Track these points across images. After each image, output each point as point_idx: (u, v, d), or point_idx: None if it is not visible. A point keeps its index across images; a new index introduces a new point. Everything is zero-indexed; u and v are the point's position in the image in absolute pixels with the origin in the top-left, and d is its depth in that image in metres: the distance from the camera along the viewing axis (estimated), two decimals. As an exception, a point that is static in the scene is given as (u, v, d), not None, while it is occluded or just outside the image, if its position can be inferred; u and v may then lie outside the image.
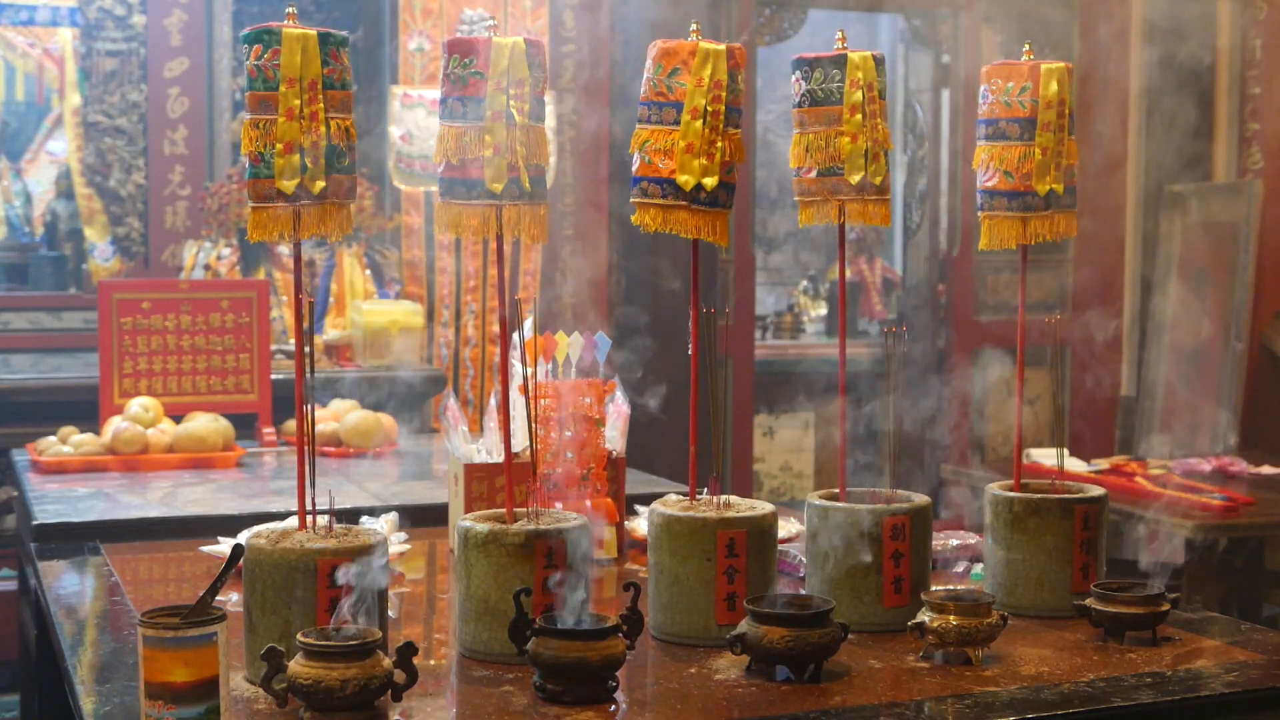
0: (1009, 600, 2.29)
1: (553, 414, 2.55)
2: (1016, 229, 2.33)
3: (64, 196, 5.80)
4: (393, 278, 5.49)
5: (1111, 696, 1.88)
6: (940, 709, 1.83)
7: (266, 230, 1.91)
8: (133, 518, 3.10)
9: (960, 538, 2.69)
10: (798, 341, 8.09)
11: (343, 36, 1.94)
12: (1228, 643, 2.15)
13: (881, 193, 2.21)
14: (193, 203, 5.61)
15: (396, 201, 5.61)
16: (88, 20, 5.62)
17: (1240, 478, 4.57)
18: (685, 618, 2.11)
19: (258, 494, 3.40)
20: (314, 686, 1.69)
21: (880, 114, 2.20)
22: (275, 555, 1.87)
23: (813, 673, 1.93)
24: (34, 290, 5.63)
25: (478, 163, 1.99)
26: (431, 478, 3.64)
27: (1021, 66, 2.30)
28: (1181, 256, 6.45)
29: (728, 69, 2.11)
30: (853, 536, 2.17)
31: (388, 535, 2.60)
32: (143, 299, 4.10)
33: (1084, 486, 2.38)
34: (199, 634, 1.64)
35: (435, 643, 2.21)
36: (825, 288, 8.68)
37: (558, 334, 2.64)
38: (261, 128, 1.88)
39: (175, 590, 2.63)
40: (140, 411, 3.85)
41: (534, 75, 2.01)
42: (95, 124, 5.63)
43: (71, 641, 2.20)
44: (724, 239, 2.14)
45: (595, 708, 1.81)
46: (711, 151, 2.10)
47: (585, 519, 2.06)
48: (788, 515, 2.89)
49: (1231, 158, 6.49)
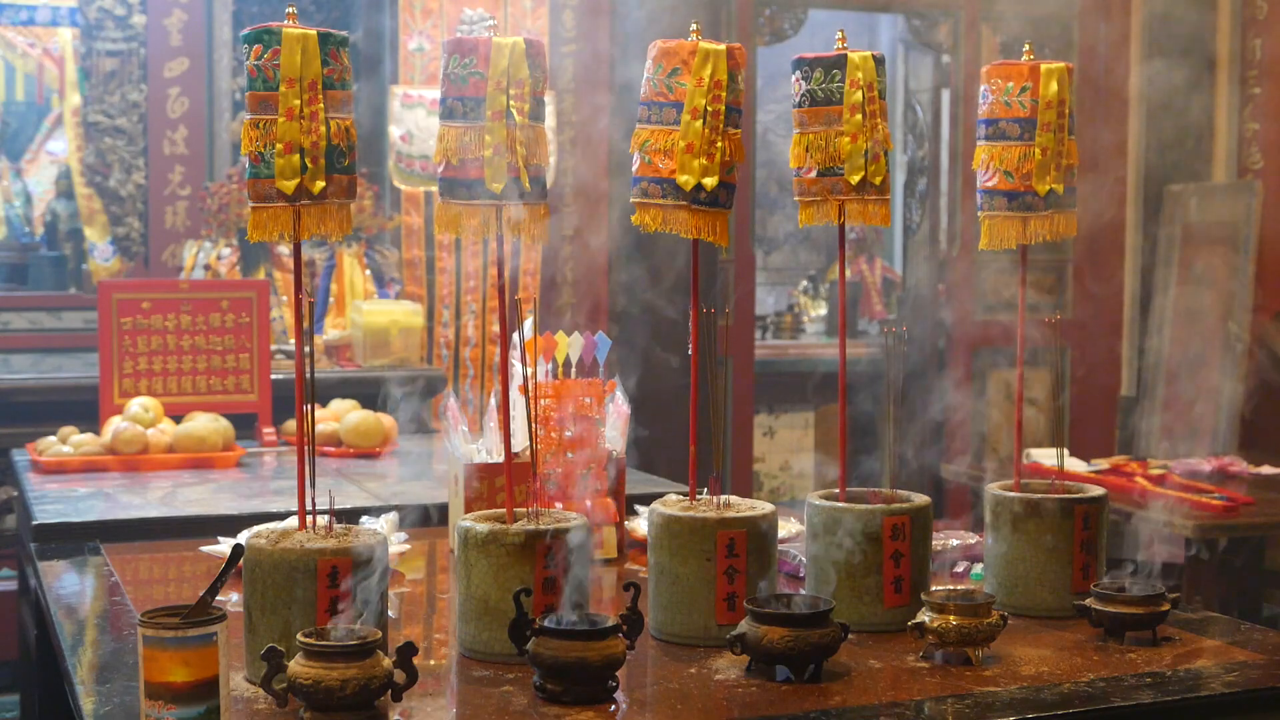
0: (1009, 600, 2.29)
1: (553, 414, 2.55)
2: (1016, 229, 2.33)
3: (64, 196, 5.81)
4: (393, 278, 5.49)
5: (1111, 696, 1.88)
6: (940, 709, 1.83)
7: (266, 230, 1.92)
8: (133, 518, 3.10)
9: (960, 538, 2.69)
10: (798, 341, 8.09)
11: (343, 36, 1.94)
12: (1228, 643, 2.15)
13: (881, 193, 2.21)
14: (193, 203, 5.61)
15: (396, 201, 5.61)
16: (88, 20, 5.62)
17: (1240, 478, 4.56)
18: (685, 618, 2.11)
19: (258, 494, 3.40)
20: (314, 686, 1.69)
21: (880, 114, 2.20)
22: (275, 555, 1.87)
23: (813, 673, 1.93)
24: (34, 290, 5.63)
25: (478, 163, 1.99)
26: (431, 478, 3.64)
27: (1021, 66, 2.30)
28: (1181, 256, 6.45)
29: (728, 69, 2.11)
30: (853, 536, 2.17)
31: (388, 535, 2.60)
32: (143, 299, 4.10)
33: (1084, 486, 2.38)
34: (199, 634, 1.64)
35: (435, 643, 2.21)
36: (825, 288, 8.68)
37: (558, 334, 2.64)
38: (261, 128, 1.89)
39: (175, 590, 2.63)
40: (140, 411, 3.85)
41: (534, 75, 2.01)
42: (95, 124, 5.63)
43: (71, 641, 2.20)
44: (724, 239, 2.14)
45: (595, 708, 1.81)
46: (711, 151, 2.10)
47: (585, 519, 2.06)
48: (788, 515, 2.89)
49: (1231, 158, 6.49)
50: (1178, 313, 6.40)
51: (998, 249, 2.35)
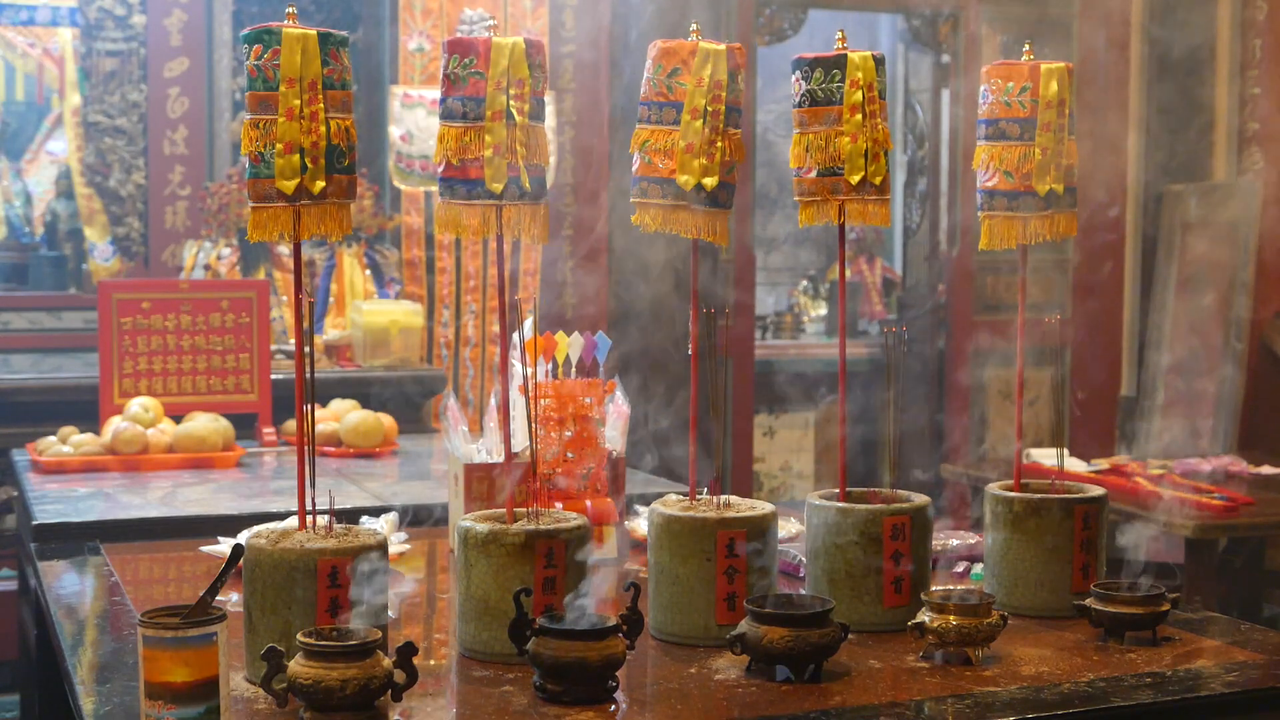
0: (1009, 600, 2.29)
1: (553, 414, 2.55)
2: (1016, 229, 2.33)
3: (64, 196, 5.80)
4: (393, 278, 5.49)
5: (1111, 696, 1.88)
6: (940, 709, 1.83)
7: (266, 230, 1.92)
8: (133, 518, 3.10)
9: (960, 538, 2.69)
10: (798, 341, 8.09)
11: (343, 36, 1.94)
12: (1228, 643, 2.15)
13: (881, 193, 2.21)
14: (193, 203, 5.61)
15: (396, 201, 5.61)
16: (88, 20, 5.61)
17: (1240, 478, 4.56)
18: (685, 618, 2.11)
19: (258, 494, 3.40)
20: (314, 686, 1.69)
21: (880, 114, 2.20)
22: (275, 555, 1.87)
23: (813, 673, 1.93)
24: (34, 290, 5.63)
25: (478, 163, 1.99)
26: (431, 478, 3.64)
27: (1021, 66, 2.30)
28: (1181, 256, 6.45)
29: (728, 69, 2.11)
30: (853, 536, 2.17)
31: (388, 535, 2.60)
32: (143, 299, 4.10)
33: (1084, 486, 2.38)
34: (199, 634, 1.64)
35: (435, 643, 2.21)
36: (825, 288, 8.67)
37: (558, 334, 2.64)
38: (261, 128, 1.89)
39: (175, 590, 2.63)
40: (140, 411, 3.85)
41: (534, 75, 2.01)
42: (95, 124, 5.63)
43: (71, 641, 2.20)
44: (724, 239, 2.14)
45: (595, 708, 1.81)
46: (711, 151, 2.10)
47: (585, 519, 2.06)
48: (788, 515, 2.89)
49: (1231, 158, 6.49)
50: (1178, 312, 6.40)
51: (998, 249, 2.35)
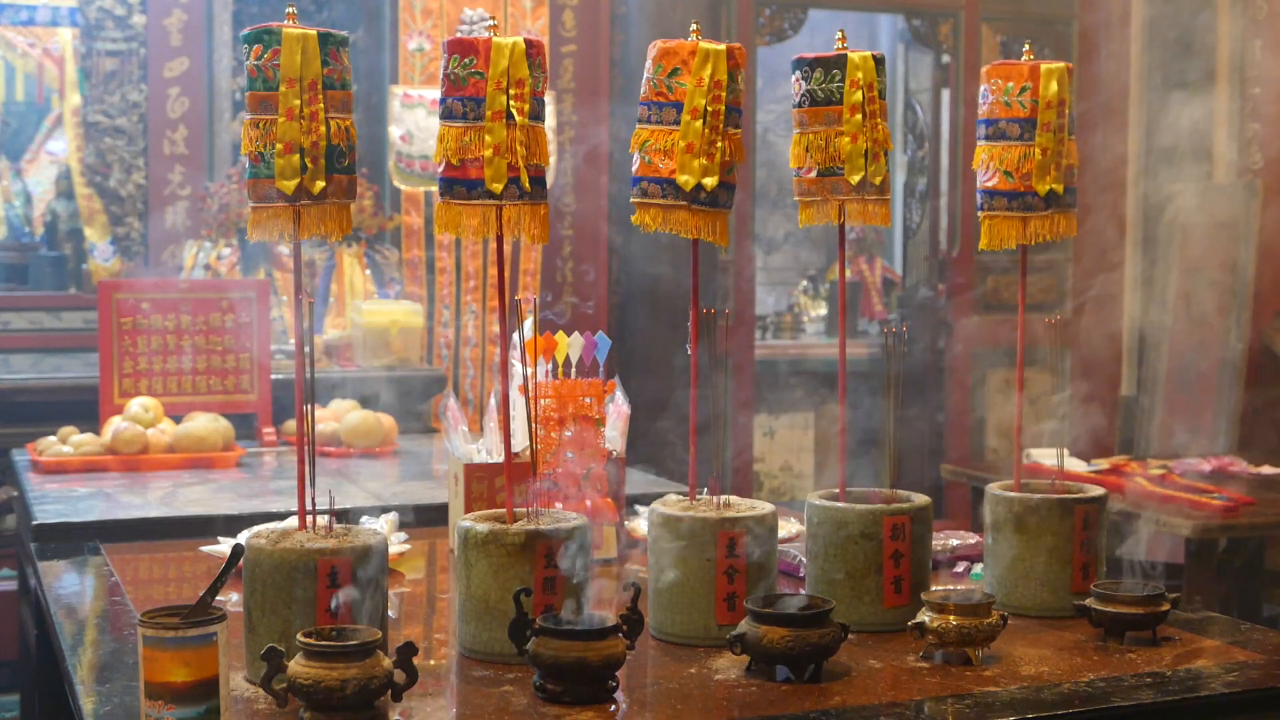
0: (1009, 600, 2.29)
1: (553, 414, 2.55)
2: (1016, 229, 2.33)
3: (64, 196, 5.80)
4: (393, 278, 5.49)
5: (1111, 696, 1.88)
6: (940, 709, 1.83)
7: (266, 230, 1.92)
8: (133, 518, 3.10)
9: (960, 538, 2.69)
10: (798, 341, 8.08)
11: (343, 36, 1.94)
12: (1228, 643, 2.15)
13: (881, 193, 2.21)
14: (193, 203, 5.60)
15: (396, 201, 5.61)
16: (88, 20, 5.62)
17: (1240, 478, 4.56)
18: (685, 618, 2.11)
19: (258, 494, 3.40)
20: (314, 686, 1.69)
21: (880, 114, 2.20)
22: (275, 555, 1.87)
23: (813, 673, 1.93)
24: (34, 290, 5.63)
25: (478, 163, 1.99)
26: (431, 478, 3.64)
27: (1021, 66, 2.30)
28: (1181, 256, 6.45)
29: (728, 69, 2.11)
30: (853, 536, 2.17)
31: (388, 535, 2.60)
32: (143, 299, 4.10)
33: (1084, 486, 2.38)
34: (199, 634, 1.64)
35: (435, 643, 2.21)
36: (825, 288, 8.67)
37: (558, 334, 2.64)
38: (261, 128, 1.89)
39: (175, 590, 2.63)
40: (140, 411, 3.85)
41: (534, 75, 2.01)
42: (95, 124, 5.63)
43: (71, 641, 2.20)
44: (724, 239, 2.14)
45: (595, 708, 1.81)
46: (711, 151, 2.10)
47: (585, 519, 2.06)
48: (788, 515, 2.89)
49: (1231, 158, 6.49)
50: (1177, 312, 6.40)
51: (998, 249, 2.35)
